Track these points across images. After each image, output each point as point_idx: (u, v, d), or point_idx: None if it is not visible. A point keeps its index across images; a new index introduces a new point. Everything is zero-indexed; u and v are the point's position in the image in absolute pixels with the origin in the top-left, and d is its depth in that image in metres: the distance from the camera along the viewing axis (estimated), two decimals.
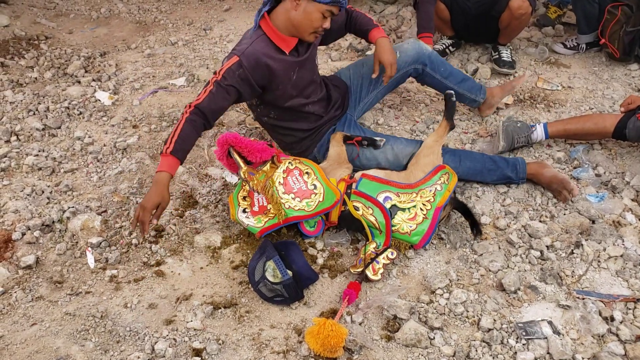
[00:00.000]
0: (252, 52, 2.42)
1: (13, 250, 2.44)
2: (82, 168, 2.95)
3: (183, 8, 4.87)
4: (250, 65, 2.40)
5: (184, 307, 2.19)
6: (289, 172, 2.43)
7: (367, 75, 2.91)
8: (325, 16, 2.41)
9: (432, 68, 2.96)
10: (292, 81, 2.57)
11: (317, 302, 2.21)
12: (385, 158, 2.70)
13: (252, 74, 2.42)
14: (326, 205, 2.38)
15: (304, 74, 2.62)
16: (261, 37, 2.48)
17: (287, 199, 2.37)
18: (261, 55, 2.43)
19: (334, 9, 2.40)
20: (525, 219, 2.57)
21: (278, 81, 2.52)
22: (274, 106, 2.65)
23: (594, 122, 2.87)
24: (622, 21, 3.50)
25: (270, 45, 2.48)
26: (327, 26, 2.45)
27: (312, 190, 2.40)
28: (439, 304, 2.19)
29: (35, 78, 3.72)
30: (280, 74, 2.51)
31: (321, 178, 2.43)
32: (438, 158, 2.59)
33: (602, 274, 2.32)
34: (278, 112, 2.68)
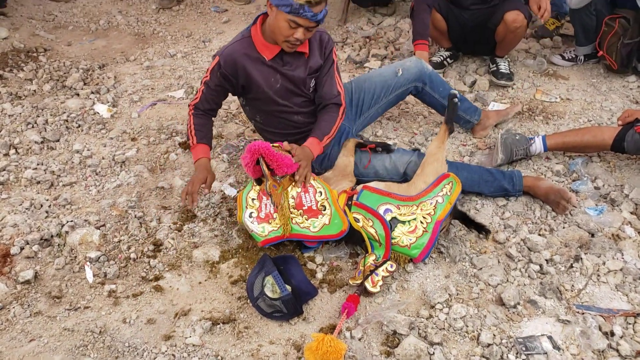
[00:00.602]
0: (230, 53, 2.54)
1: (11, 265, 2.43)
2: (81, 181, 2.94)
3: (182, 20, 4.88)
4: (227, 64, 2.53)
5: (182, 323, 2.18)
6: (304, 189, 2.44)
7: (369, 90, 2.93)
8: (291, 26, 2.38)
9: (432, 87, 2.99)
10: (274, 88, 2.60)
11: (316, 318, 2.20)
12: (383, 166, 2.70)
13: (230, 73, 2.55)
14: (331, 232, 2.39)
15: (289, 85, 2.62)
16: (245, 39, 2.56)
17: (296, 214, 2.39)
18: (239, 56, 2.53)
19: (299, 19, 2.35)
20: (524, 233, 2.57)
21: (258, 84, 2.57)
22: (259, 110, 2.69)
23: (593, 134, 2.87)
24: (619, 33, 3.52)
25: (251, 48, 2.54)
26: (298, 37, 2.41)
27: (320, 211, 2.41)
28: (439, 318, 2.18)
29: (34, 90, 3.72)
30: (258, 78, 2.56)
31: (332, 201, 2.43)
32: (442, 165, 2.58)
33: (602, 288, 2.31)
34: (264, 117, 2.72)
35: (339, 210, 2.41)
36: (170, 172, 3.00)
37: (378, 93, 2.93)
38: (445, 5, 3.66)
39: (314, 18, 2.35)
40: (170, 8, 5.05)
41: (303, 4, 2.30)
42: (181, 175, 2.96)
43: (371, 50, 4.17)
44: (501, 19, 3.49)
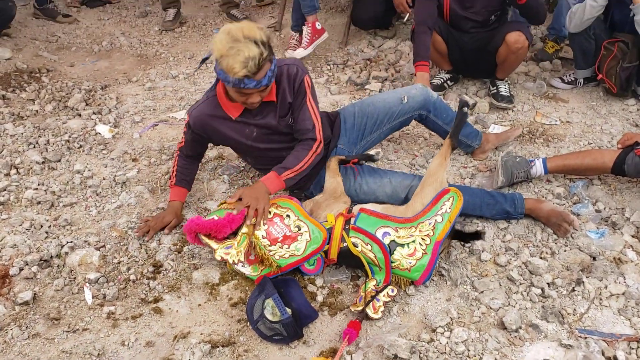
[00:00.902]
0: (198, 115, 2.59)
1: (10, 286, 2.42)
2: (81, 202, 2.94)
3: (184, 42, 4.92)
4: (196, 125, 2.61)
5: (181, 346, 2.16)
6: (270, 222, 2.41)
7: (372, 115, 2.90)
8: (242, 95, 2.38)
9: (436, 114, 2.98)
10: (251, 137, 2.61)
11: (317, 341, 2.18)
12: (383, 192, 2.70)
13: (201, 132, 2.64)
14: (316, 245, 2.36)
15: (266, 131, 2.61)
16: (211, 99, 2.58)
17: (275, 249, 2.35)
18: (207, 118, 2.58)
19: (244, 90, 2.34)
20: (525, 256, 2.56)
21: (233, 138, 2.61)
22: (246, 154, 2.73)
23: (593, 157, 2.88)
24: (618, 57, 3.54)
25: (217, 108, 2.56)
26: (253, 101, 2.41)
27: (297, 232, 2.38)
28: (440, 342, 2.16)
29: (36, 111, 3.74)
30: (232, 134, 2.60)
31: (302, 216, 2.41)
32: (442, 183, 2.55)
33: (604, 312, 2.30)
34: (253, 159, 2.78)
35: (313, 221, 2.41)
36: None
37: (381, 119, 2.91)
38: (446, 28, 3.69)
39: (258, 85, 2.33)
40: (172, 30, 5.10)
41: (241, 78, 2.28)
42: None
43: (372, 73, 4.20)
44: (502, 41, 3.52)
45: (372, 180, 2.72)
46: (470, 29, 3.65)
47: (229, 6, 5.27)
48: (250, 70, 2.26)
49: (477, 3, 3.55)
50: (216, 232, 2.34)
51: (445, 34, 3.70)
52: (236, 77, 2.28)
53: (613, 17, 3.60)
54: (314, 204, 2.58)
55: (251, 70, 2.26)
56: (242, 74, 2.26)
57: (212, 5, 5.65)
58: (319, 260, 2.42)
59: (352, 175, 2.72)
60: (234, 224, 2.36)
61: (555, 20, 4.36)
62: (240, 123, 2.57)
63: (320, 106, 3.75)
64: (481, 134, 3.18)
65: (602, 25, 3.62)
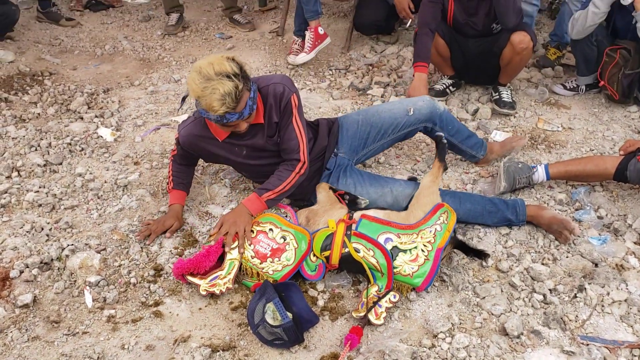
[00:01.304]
0: (186, 135, 2.64)
1: (10, 289, 2.41)
2: (83, 205, 2.93)
3: (187, 46, 4.93)
4: (186, 144, 2.66)
5: (182, 350, 2.15)
6: (255, 240, 2.42)
7: (376, 125, 2.88)
8: (227, 127, 2.41)
9: (441, 126, 2.94)
10: (242, 155, 2.63)
11: (318, 346, 2.18)
12: (384, 201, 2.69)
13: (192, 151, 2.69)
14: (304, 249, 2.38)
15: (255, 151, 2.63)
16: (199, 120, 2.59)
17: (267, 265, 2.36)
18: (195, 139, 2.62)
19: (227, 124, 2.38)
20: (527, 262, 2.55)
21: (223, 157, 2.65)
22: (240, 170, 2.75)
23: (595, 163, 2.87)
24: (620, 64, 3.55)
25: (205, 129, 2.59)
26: (240, 129, 2.44)
27: (284, 243, 2.40)
28: (441, 348, 2.15)
29: (38, 114, 3.74)
30: (221, 153, 2.63)
31: (285, 226, 2.43)
32: (437, 197, 2.59)
33: (607, 319, 2.29)
34: (248, 173, 2.79)
35: (294, 227, 2.43)
36: None
37: (385, 129, 2.89)
38: (449, 32, 3.69)
39: (241, 117, 2.36)
40: (175, 34, 5.11)
41: (222, 115, 2.31)
42: None
43: (374, 78, 4.20)
44: (506, 42, 3.51)
45: (373, 190, 2.71)
46: (473, 35, 3.65)
47: (231, 11, 5.28)
48: (229, 106, 2.29)
49: (480, 10, 3.55)
50: (196, 269, 2.34)
51: (449, 38, 3.70)
52: (217, 114, 2.31)
53: (615, 24, 3.60)
54: (309, 212, 2.59)
55: (230, 106, 2.29)
56: (222, 111, 2.29)
57: (215, 10, 5.67)
58: (321, 265, 2.42)
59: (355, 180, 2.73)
60: (212, 256, 2.36)
61: (557, 27, 4.37)
62: (228, 144, 2.60)
63: (322, 111, 3.78)
64: (486, 145, 3.16)
65: (604, 32, 3.62)
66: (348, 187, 2.73)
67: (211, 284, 2.32)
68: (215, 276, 2.33)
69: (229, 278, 2.33)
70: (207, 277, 2.34)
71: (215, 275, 2.34)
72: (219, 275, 2.33)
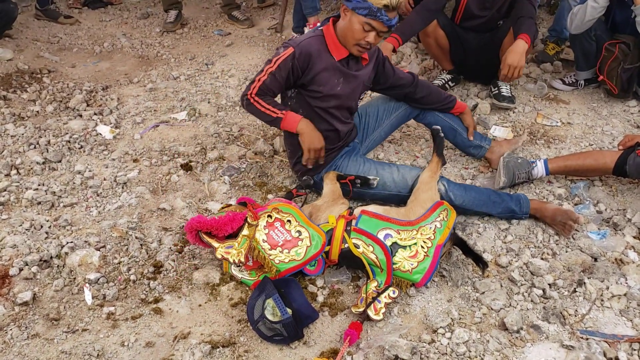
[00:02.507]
0: (306, 45, 2.57)
1: (10, 286, 2.41)
2: (82, 202, 2.93)
3: (185, 43, 4.92)
4: (302, 56, 2.55)
5: (181, 346, 2.15)
6: (271, 226, 2.40)
7: (372, 113, 3.00)
8: (365, 29, 2.45)
9: None
10: (335, 90, 2.66)
11: (317, 342, 2.18)
12: (391, 178, 2.72)
13: (301, 66, 2.57)
14: (316, 250, 2.36)
15: (348, 91, 2.69)
16: (318, 37, 2.62)
17: (275, 254, 2.34)
18: (314, 51, 2.57)
19: (374, 22, 2.43)
20: (527, 257, 2.55)
21: (321, 82, 2.62)
22: (307, 104, 2.71)
23: (594, 158, 2.87)
24: (619, 59, 3.54)
25: (323, 45, 2.61)
26: (370, 40, 2.48)
27: (298, 238, 2.38)
28: (441, 343, 2.15)
29: (37, 111, 3.74)
30: (324, 76, 2.62)
31: (303, 222, 2.41)
32: (436, 194, 2.60)
33: (606, 313, 2.29)
34: (307, 112, 2.72)
35: (313, 226, 2.40)
36: (171, 193, 3.00)
37: (381, 115, 2.99)
38: (450, 24, 3.68)
39: (389, 22, 2.44)
40: (174, 31, 5.10)
41: (381, 8, 2.39)
42: (182, 197, 2.96)
43: None
44: (507, 32, 3.50)
45: (381, 167, 2.76)
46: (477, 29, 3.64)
47: (230, 7, 5.27)
48: (391, 3, 2.39)
49: (496, 4, 3.54)
50: (217, 230, 2.33)
51: (449, 30, 3.69)
52: (377, 5, 2.39)
53: (614, 19, 3.60)
54: (312, 207, 2.58)
55: (392, 4, 2.40)
56: (384, 2, 2.38)
57: (214, 6, 5.66)
58: (320, 261, 2.42)
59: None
60: (235, 223, 2.35)
61: (556, 22, 4.36)
62: (336, 70, 2.63)
63: None
64: (490, 139, 3.18)
65: (603, 27, 3.62)
66: (357, 164, 2.79)
67: (226, 251, 2.31)
68: (231, 245, 2.33)
69: (241, 251, 2.31)
70: (224, 242, 2.33)
71: (231, 245, 2.33)
72: (234, 245, 2.32)
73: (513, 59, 3.24)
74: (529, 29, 3.31)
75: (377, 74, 2.82)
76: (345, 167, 2.79)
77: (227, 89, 4.07)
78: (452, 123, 3.03)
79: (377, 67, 2.80)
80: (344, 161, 2.81)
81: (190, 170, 3.16)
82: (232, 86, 4.11)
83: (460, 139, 3.09)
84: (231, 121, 3.63)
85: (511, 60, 3.24)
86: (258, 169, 3.15)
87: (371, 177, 2.71)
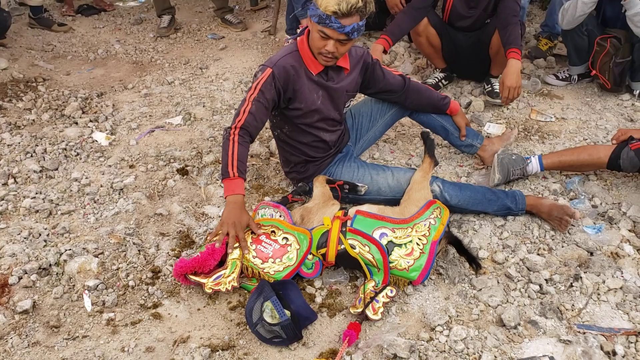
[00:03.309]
0: (283, 64, 2.53)
1: (9, 295, 2.42)
2: (79, 209, 2.94)
3: (179, 48, 4.94)
4: (281, 75, 2.51)
5: (181, 351, 2.16)
6: (257, 241, 2.41)
7: (365, 113, 3.00)
8: (322, 37, 2.41)
9: None
10: (315, 105, 2.63)
11: (316, 342, 2.19)
12: (386, 183, 2.73)
13: (283, 85, 2.53)
14: (305, 249, 2.38)
15: (329, 104, 2.67)
16: (293, 53, 2.57)
17: (268, 266, 2.35)
18: (290, 68, 2.53)
19: (326, 30, 2.37)
20: (523, 252, 2.56)
21: (302, 98, 2.59)
22: (290, 122, 2.71)
23: (589, 153, 2.89)
24: (611, 53, 3.56)
25: (299, 62, 2.56)
26: (329, 49, 2.42)
27: (286, 244, 2.40)
28: (439, 341, 2.17)
29: (33, 120, 3.75)
30: (305, 92, 2.59)
31: (287, 228, 2.43)
32: (428, 193, 2.62)
33: (603, 307, 2.30)
34: (292, 129, 2.73)
35: (296, 228, 2.43)
36: (168, 198, 3.01)
37: (374, 115, 2.99)
38: (440, 23, 3.70)
39: (341, 30, 2.35)
40: (167, 36, 5.12)
41: (330, 15, 2.33)
42: (179, 201, 2.97)
43: None
44: (495, 29, 3.51)
45: (375, 172, 2.76)
46: (465, 28, 3.66)
47: (223, 11, 5.28)
48: (340, 10, 2.30)
49: (481, 4, 3.56)
50: (201, 268, 2.33)
51: (440, 29, 3.70)
52: (325, 11, 2.32)
53: (605, 13, 3.62)
54: (304, 210, 2.60)
55: (341, 10, 2.31)
56: (333, 9, 2.31)
57: (207, 10, 5.67)
58: (317, 263, 2.43)
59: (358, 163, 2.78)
60: (217, 254, 2.34)
61: (548, 18, 4.38)
62: (315, 83, 2.59)
63: None
64: (482, 136, 3.17)
65: (595, 22, 3.64)
66: (351, 170, 2.78)
67: (216, 282, 2.31)
68: (219, 275, 2.32)
69: (233, 277, 2.31)
70: (210, 275, 2.33)
71: (219, 274, 2.32)
72: (222, 274, 2.32)
73: (511, 81, 3.20)
74: (516, 39, 3.29)
75: (366, 79, 2.80)
76: (339, 174, 2.80)
77: (222, 93, 4.08)
78: (444, 122, 3.03)
79: (365, 72, 2.77)
80: (337, 168, 2.82)
81: (187, 174, 3.17)
82: (227, 89, 4.13)
83: (452, 138, 3.09)
84: (226, 124, 3.64)
85: (509, 82, 3.20)
86: (254, 172, 3.16)
87: (359, 185, 2.72)
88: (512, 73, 3.21)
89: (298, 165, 2.83)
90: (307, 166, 2.82)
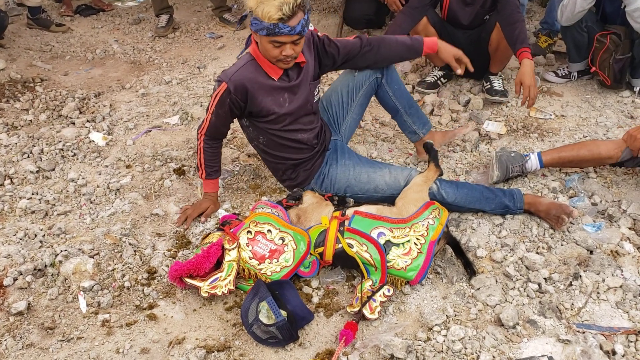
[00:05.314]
0: (239, 78, 2.50)
1: (4, 297, 2.41)
2: (75, 210, 2.93)
3: (177, 47, 4.92)
4: (238, 90, 2.50)
5: (176, 352, 2.14)
6: (253, 241, 2.39)
7: (336, 101, 2.94)
8: (276, 46, 2.39)
9: (387, 81, 2.93)
10: (284, 109, 2.60)
11: (313, 343, 2.17)
12: (383, 180, 2.70)
13: (241, 99, 2.53)
14: (303, 250, 2.36)
15: (298, 102, 2.63)
16: (250, 62, 2.53)
17: (265, 266, 2.34)
18: (247, 82, 2.50)
19: (278, 38, 2.35)
20: (521, 251, 2.54)
21: (268, 108, 2.57)
22: (264, 131, 2.69)
23: (588, 149, 2.87)
24: (611, 49, 3.53)
25: (258, 70, 2.53)
26: (287, 53, 2.40)
27: (282, 244, 2.38)
28: (437, 341, 2.14)
29: (30, 120, 3.73)
30: (268, 101, 2.56)
31: (283, 227, 2.41)
32: (426, 195, 2.60)
33: (602, 306, 2.28)
34: (267, 138, 2.71)
35: (293, 228, 2.41)
36: (164, 198, 2.99)
37: (345, 100, 2.93)
38: (439, 21, 3.68)
39: (293, 32, 2.33)
40: (165, 36, 5.10)
41: (276, 23, 2.30)
42: (176, 201, 2.95)
43: None
44: (494, 26, 3.49)
45: (372, 170, 2.73)
46: (464, 26, 3.64)
47: (221, 10, 5.27)
48: (285, 14, 2.29)
49: (477, 1, 3.53)
50: (196, 271, 2.32)
51: (439, 27, 3.68)
52: (271, 21, 2.30)
53: (604, 9, 3.59)
54: (299, 210, 2.59)
55: (286, 14, 2.29)
56: (277, 16, 2.28)
57: (205, 10, 5.65)
58: (314, 262, 2.41)
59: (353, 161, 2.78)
60: (212, 257, 2.33)
61: (547, 14, 4.36)
62: (279, 88, 2.56)
63: None
64: (430, 125, 3.09)
65: (594, 18, 3.61)
66: (347, 169, 2.75)
67: (212, 286, 2.30)
68: (215, 278, 2.31)
69: (229, 279, 2.30)
70: (206, 279, 2.32)
71: (215, 277, 2.31)
72: (218, 277, 2.31)
73: (529, 80, 3.13)
74: (525, 38, 3.25)
75: (321, 58, 2.72)
76: (335, 176, 2.76)
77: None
78: (397, 104, 2.96)
79: (317, 53, 2.70)
80: (332, 170, 2.78)
81: (183, 174, 3.15)
82: None
83: (399, 120, 3.05)
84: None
85: (528, 81, 3.13)
86: (251, 172, 3.14)
87: (348, 198, 2.71)
88: (528, 73, 3.15)
89: (288, 172, 2.81)
90: (297, 170, 2.78)
